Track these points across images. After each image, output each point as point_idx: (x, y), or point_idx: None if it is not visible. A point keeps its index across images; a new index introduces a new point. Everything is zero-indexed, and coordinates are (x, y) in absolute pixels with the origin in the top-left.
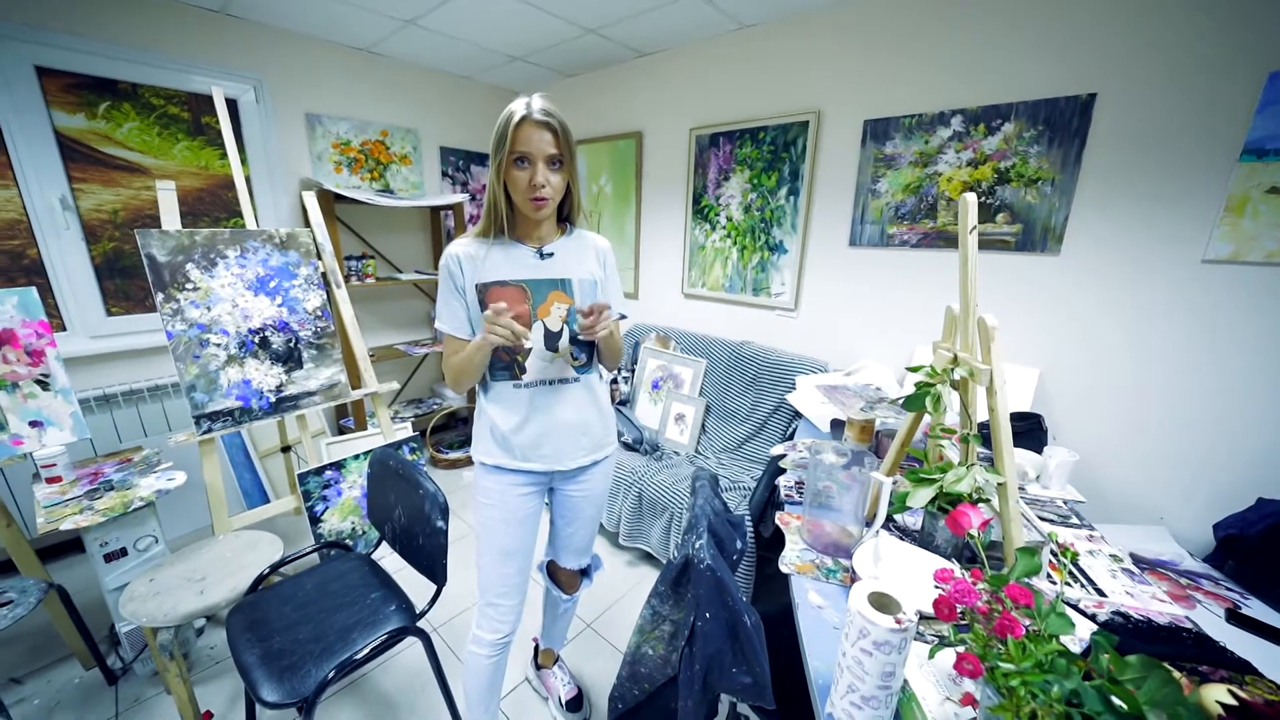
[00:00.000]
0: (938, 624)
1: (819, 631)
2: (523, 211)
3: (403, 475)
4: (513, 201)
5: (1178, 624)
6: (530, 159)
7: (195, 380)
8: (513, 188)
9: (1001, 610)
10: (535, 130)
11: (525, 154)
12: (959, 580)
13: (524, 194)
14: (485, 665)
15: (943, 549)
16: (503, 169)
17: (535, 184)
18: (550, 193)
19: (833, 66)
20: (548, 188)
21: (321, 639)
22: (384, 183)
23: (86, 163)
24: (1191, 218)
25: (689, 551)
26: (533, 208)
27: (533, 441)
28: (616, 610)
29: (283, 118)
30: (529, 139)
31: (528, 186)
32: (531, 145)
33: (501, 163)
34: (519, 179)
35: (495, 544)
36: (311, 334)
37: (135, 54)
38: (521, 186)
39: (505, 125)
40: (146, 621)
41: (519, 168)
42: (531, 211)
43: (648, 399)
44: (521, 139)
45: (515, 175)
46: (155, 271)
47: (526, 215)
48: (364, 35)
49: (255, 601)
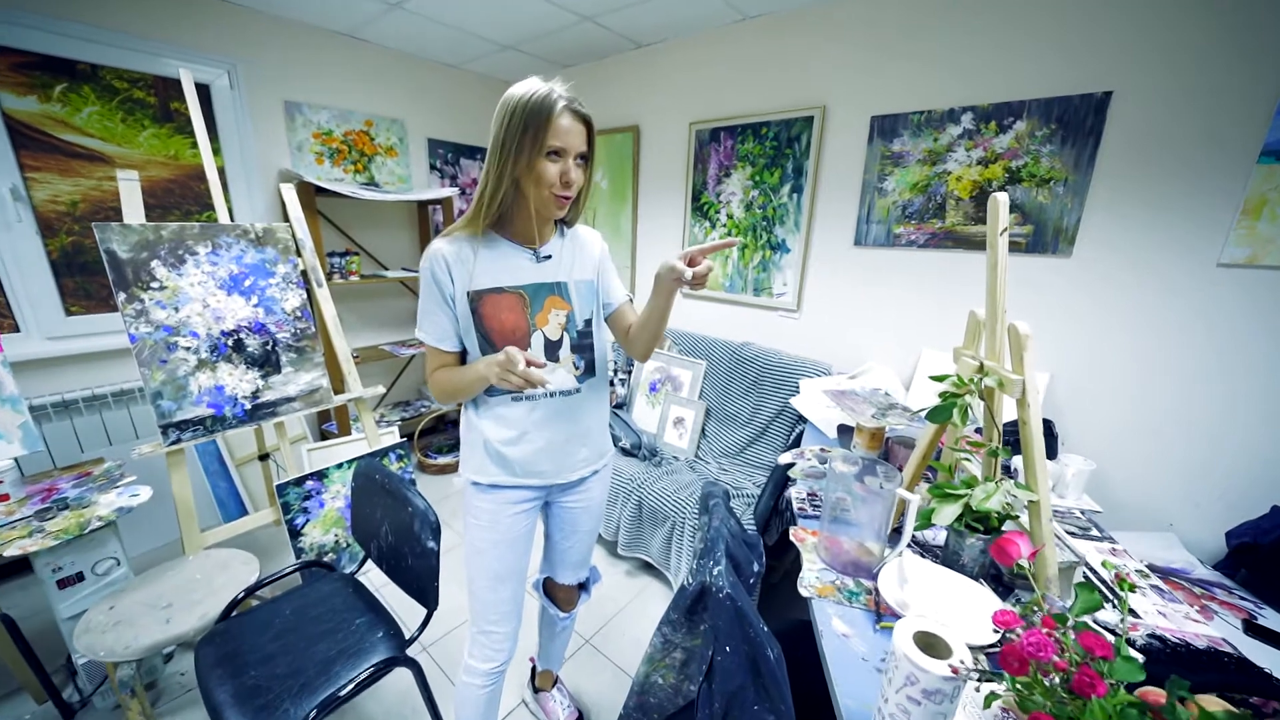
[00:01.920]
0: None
1: (846, 662)
2: (540, 209)
3: (389, 490)
4: (522, 197)
5: (1216, 647)
6: (565, 153)
7: (162, 387)
8: (537, 182)
9: (1080, 664)
10: (574, 122)
11: (561, 149)
12: (1033, 630)
13: (550, 189)
14: (480, 696)
15: (969, 569)
16: (532, 160)
17: (569, 180)
18: (575, 191)
19: (839, 60)
20: (574, 186)
21: (301, 673)
22: (368, 175)
23: (40, 150)
24: (1207, 220)
25: (705, 579)
26: (557, 205)
27: (531, 456)
28: (616, 624)
29: (259, 105)
30: (568, 131)
31: (560, 183)
32: (568, 139)
33: (531, 153)
34: (549, 173)
35: (487, 568)
36: (290, 336)
37: (95, 33)
38: (550, 180)
39: (541, 112)
40: (104, 656)
41: (552, 161)
42: (553, 209)
43: (645, 402)
44: (560, 131)
45: (546, 169)
46: (116, 269)
47: (541, 213)
48: (346, 19)
49: (228, 630)
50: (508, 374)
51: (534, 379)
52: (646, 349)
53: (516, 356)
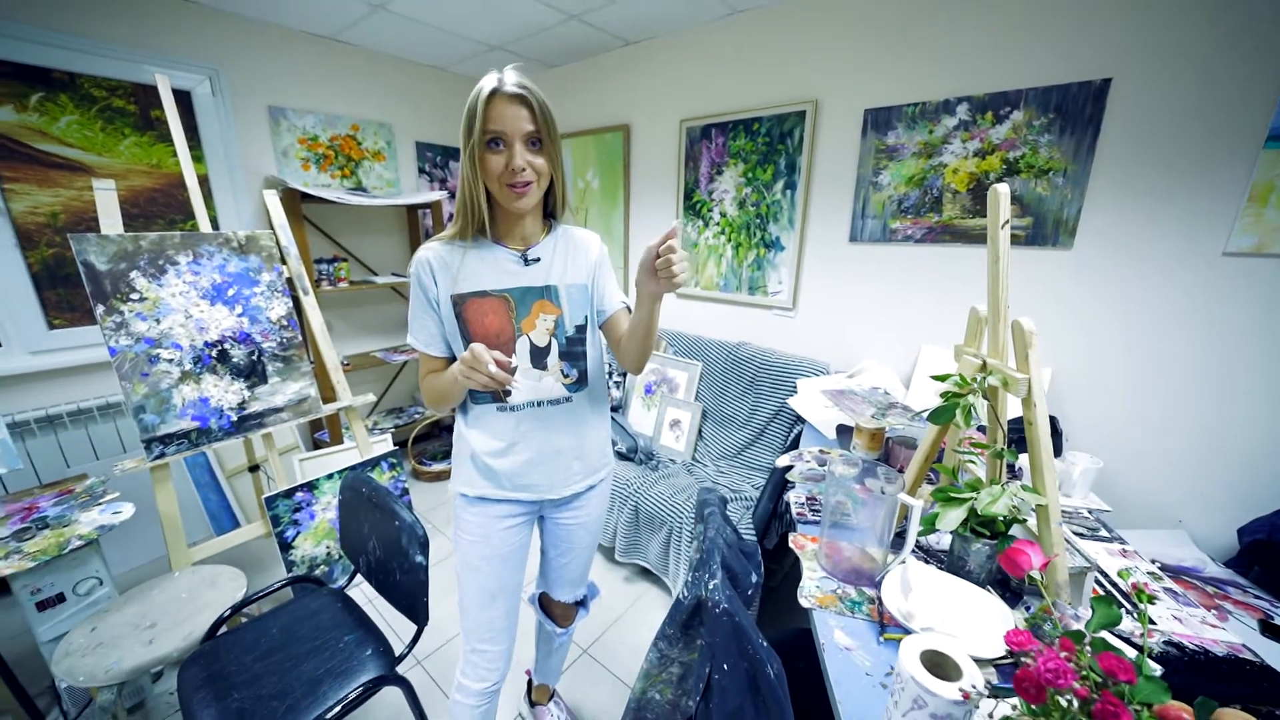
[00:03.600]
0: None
1: (849, 677)
2: (501, 203)
3: (376, 504)
4: (490, 195)
5: (1236, 654)
6: (505, 139)
7: (144, 400)
8: (488, 176)
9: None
10: (509, 105)
11: (499, 133)
12: (1050, 653)
13: (501, 180)
14: (473, 715)
15: (976, 575)
16: (476, 155)
17: (514, 167)
18: (531, 176)
19: (831, 53)
20: (528, 171)
21: (288, 694)
22: (356, 180)
23: (18, 160)
24: (1212, 208)
25: (700, 592)
26: (512, 196)
27: (520, 469)
28: (615, 632)
29: (243, 111)
30: (502, 115)
31: (505, 171)
32: (506, 123)
33: (474, 147)
34: (494, 164)
35: (478, 584)
36: (276, 345)
37: (71, 40)
38: (497, 172)
39: (474, 103)
40: (84, 681)
41: (493, 150)
42: (511, 201)
43: (641, 404)
44: (494, 116)
45: (490, 160)
46: (94, 281)
47: (506, 209)
48: (329, 22)
49: (214, 650)
50: (473, 372)
51: (499, 380)
52: (636, 361)
53: (483, 355)
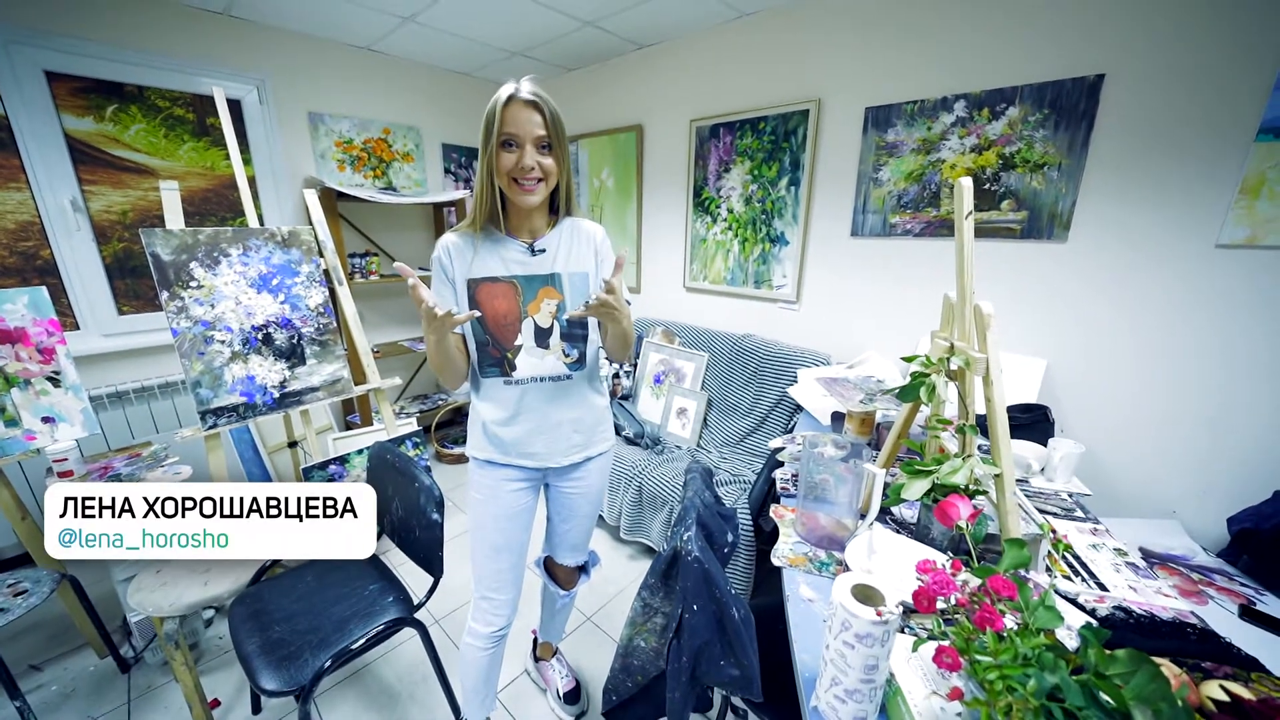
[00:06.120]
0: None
1: (809, 625)
2: (512, 199)
3: (399, 469)
4: (503, 192)
5: (1182, 619)
6: (518, 141)
7: (200, 376)
8: (501, 173)
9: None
10: (523, 110)
11: (513, 135)
12: (938, 571)
13: (509, 175)
14: (480, 657)
15: (938, 542)
16: (492, 154)
17: (524, 166)
18: (540, 175)
19: (833, 53)
20: (537, 170)
21: (319, 629)
22: (387, 180)
23: (95, 165)
24: (1205, 201)
25: (677, 544)
26: (522, 192)
27: (523, 438)
28: (616, 604)
29: (286, 117)
30: (516, 119)
31: (516, 169)
32: (520, 126)
33: (491, 147)
34: (507, 162)
35: (487, 539)
36: (314, 330)
37: (140, 56)
38: (506, 168)
39: (493, 108)
40: (152, 611)
41: (507, 150)
42: (521, 197)
43: (650, 393)
44: (509, 119)
45: (503, 159)
46: (160, 270)
47: (516, 204)
48: (364, 33)
49: (258, 593)
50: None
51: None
52: (617, 354)
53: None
